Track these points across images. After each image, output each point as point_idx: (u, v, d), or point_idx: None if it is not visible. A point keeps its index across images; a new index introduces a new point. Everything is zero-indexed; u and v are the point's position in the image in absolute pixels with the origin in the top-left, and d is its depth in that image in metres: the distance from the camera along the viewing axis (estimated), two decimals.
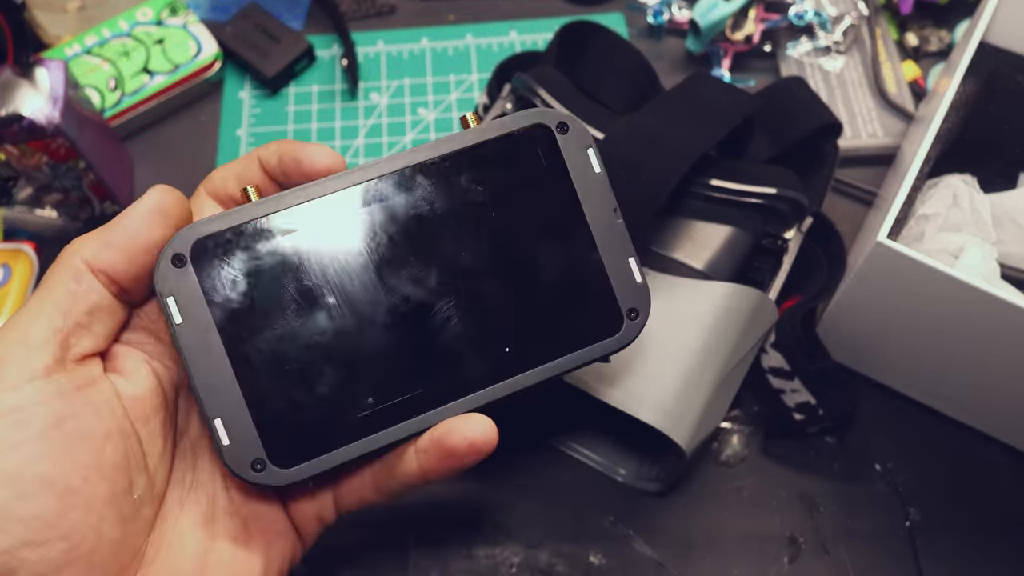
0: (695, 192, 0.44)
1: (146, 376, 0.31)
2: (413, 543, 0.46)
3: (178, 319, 0.30)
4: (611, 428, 0.47)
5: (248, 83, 0.62)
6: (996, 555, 0.46)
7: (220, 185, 0.33)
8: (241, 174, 0.33)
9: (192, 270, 0.30)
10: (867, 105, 0.60)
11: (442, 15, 0.65)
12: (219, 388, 0.30)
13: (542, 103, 0.46)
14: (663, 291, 0.42)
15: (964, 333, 0.42)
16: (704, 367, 0.41)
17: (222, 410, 0.30)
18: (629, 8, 0.65)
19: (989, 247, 0.46)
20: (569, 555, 0.46)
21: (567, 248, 0.33)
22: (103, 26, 0.61)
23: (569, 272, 0.33)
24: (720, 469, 0.48)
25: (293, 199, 0.31)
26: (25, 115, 0.47)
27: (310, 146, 0.32)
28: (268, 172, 0.32)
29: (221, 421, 0.30)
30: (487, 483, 0.48)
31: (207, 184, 0.34)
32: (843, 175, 0.57)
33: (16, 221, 0.56)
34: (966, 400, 0.48)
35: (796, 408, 0.46)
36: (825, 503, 0.47)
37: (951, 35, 0.62)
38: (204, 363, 0.30)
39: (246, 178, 0.33)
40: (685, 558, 0.46)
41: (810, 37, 0.63)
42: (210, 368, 0.30)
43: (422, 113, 0.61)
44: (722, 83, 0.47)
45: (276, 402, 0.30)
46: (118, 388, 0.30)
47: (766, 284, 0.46)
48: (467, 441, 0.30)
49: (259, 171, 0.33)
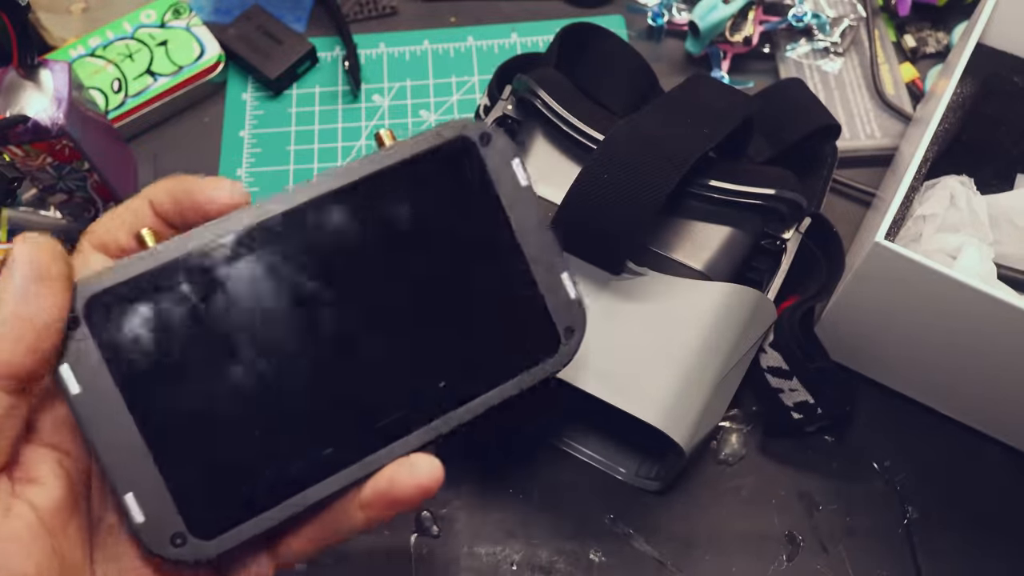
0: (694, 193, 0.45)
1: (58, 477, 0.27)
2: (414, 541, 0.47)
3: (75, 389, 0.26)
4: (611, 427, 0.48)
5: (251, 85, 0.62)
6: (994, 552, 0.46)
7: (107, 236, 0.29)
8: (131, 221, 0.29)
9: (88, 332, 0.26)
10: (865, 106, 0.61)
11: (444, 17, 0.66)
12: (128, 460, 0.27)
13: (543, 104, 0.47)
14: (663, 291, 0.42)
15: (962, 333, 0.43)
16: (703, 366, 0.41)
17: (133, 483, 0.27)
18: (629, 10, 0.65)
19: (986, 248, 0.46)
20: (569, 553, 0.46)
21: (497, 268, 0.30)
22: (107, 28, 0.61)
23: (501, 293, 0.30)
24: (719, 468, 0.49)
25: (196, 242, 0.27)
26: (30, 116, 0.47)
27: (207, 180, 0.28)
28: (162, 215, 0.29)
29: (133, 495, 0.27)
30: (488, 482, 0.48)
31: (90, 237, 0.29)
32: (841, 176, 0.57)
33: (20, 222, 0.56)
34: (964, 399, 0.48)
35: (795, 407, 0.46)
36: (824, 501, 0.48)
37: (949, 37, 0.63)
38: (109, 434, 0.26)
39: (137, 224, 0.29)
40: (685, 556, 0.46)
41: (809, 39, 0.63)
42: (116, 439, 0.27)
43: (424, 115, 0.61)
44: (721, 84, 0.48)
45: (193, 467, 0.27)
46: (34, 502, 0.26)
47: (765, 284, 0.46)
48: (414, 486, 0.28)
49: (151, 215, 0.29)
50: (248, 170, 0.59)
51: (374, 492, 0.29)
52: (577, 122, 0.46)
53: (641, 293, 0.42)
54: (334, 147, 0.60)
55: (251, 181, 0.59)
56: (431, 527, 0.47)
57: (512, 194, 0.30)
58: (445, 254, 0.30)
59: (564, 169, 0.46)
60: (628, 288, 0.42)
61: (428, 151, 0.30)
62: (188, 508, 0.27)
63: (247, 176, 0.59)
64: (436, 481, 0.28)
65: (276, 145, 0.60)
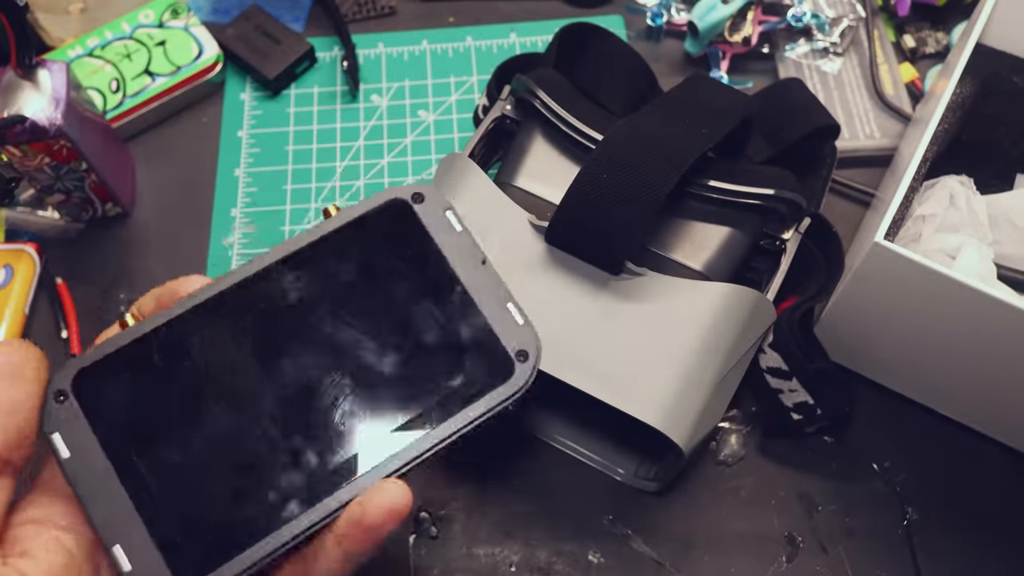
0: (693, 193, 0.45)
1: (51, 551, 0.30)
2: (413, 542, 0.47)
3: (65, 453, 0.30)
4: (610, 427, 0.48)
5: (249, 85, 0.62)
6: (993, 553, 0.46)
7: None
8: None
9: (75, 403, 0.31)
10: (864, 106, 0.61)
11: (442, 17, 0.66)
12: (115, 514, 0.30)
13: (542, 104, 0.47)
14: (662, 292, 0.42)
15: (961, 333, 0.43)
16: (703, 367, 0.41)
17: (121, 536, 0.30)
18: (628, 10, 0.65)
19: (986, 248, 0.46)
20: (568, 554, 0.46)
21: (446, 310, 0.33)
22: (105, 28, 0.61)
23: (452, 332, 0.33)
24: (718, 468, 0.49)
25: (164, 317, 0.32)
26: (28, 116, 0.47)
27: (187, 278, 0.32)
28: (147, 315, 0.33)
29: (121, 547, 0.30)
30: (486, 483, 0.48)
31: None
32: (841, 176, 0.57)
33: (18, 222, 0.56)
34: (963, 400, 0.48)
35: (794, 408, 0.46)
36: (823, 502, 0.48)
37: (948, 37, 0.63)
38: (98, 493, 0.30)
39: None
40: (684, 557, 0.46)
41: (808, 39, 0.63)
42: (105, 497, 0.30)
43: (422, 115, 0.61)
44: (720, 85, 0.48)
45: (175, 518, 0.30)
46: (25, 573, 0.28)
47: (764, 285, 0.46)
48: (385, 511, 0.30)
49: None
50: (246, 170, 0.59)
51: (347, 522, 0.30)
52: (576, 122, 0.46)
53: (640, 293, 0.42)
54: (332, 147, 0.60)
55: (249, 182, 0.59)
56: (430, 528, 0.47)
57: (449, 240, 0.33)
58: (393, 301, 0.33)
59: (563, 169, 0.46)
60: (627, 288, 0.42)
61: (367, 213, 0.33)
62: (172, 555, 0.30)
63: (245, 176, 0.59)
64: (406, 504, 0.30)
65: (274, 145, 0.60)
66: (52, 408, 0.30)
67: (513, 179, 0.47)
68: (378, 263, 0.33)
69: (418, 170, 0.59)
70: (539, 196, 0.46)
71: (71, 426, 0.30)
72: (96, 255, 0.55)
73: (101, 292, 0.54)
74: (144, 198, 0.58)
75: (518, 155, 0.47)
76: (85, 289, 0.54)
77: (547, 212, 0.44)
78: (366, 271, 0.33)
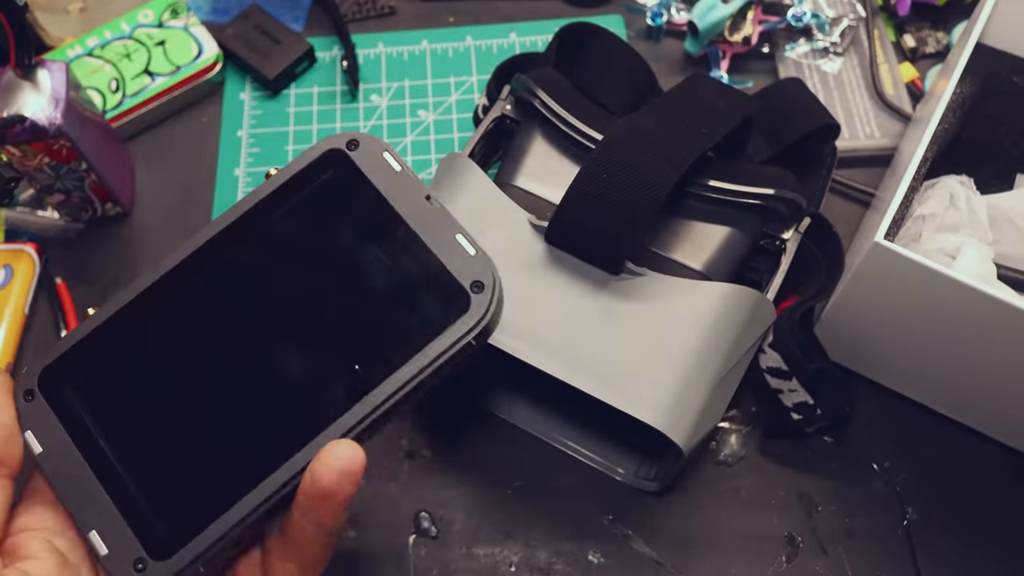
0: (693, 193, 0.45)
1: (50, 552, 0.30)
2: (413, 542, 0.47)
3: (37, 449, 0.31)
4: (610, 427, 0.48)
5: (249, 84, 0.62)
6: (994, 553, 0.46)
7: None
8: None
9: (43, 399, 0.32)
10: (865, 106, 0.60)
11: (442, 17, 0.66)
12: (89, 501, 0.31)
13: (541, 104, 0.47)
14: (662, 291, 0.42)
15: (961, 333, 0.43)
16: (703, 367, 0.41)
17: (96, 522, 0.31)
18: (628, 10, 0.65)
19: (986, 248, 0.46)
20: (568, 554, 0.46)
21: (393, 252, 0.32)
22: (105, 28, 0.61)
23: (401, 271, 0.32)
24: (718, 468, 0.49)
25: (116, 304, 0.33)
26: (27, 116, 0.47)
27: None
28: None
29: (96, 532, 0.30)
30: (486, 482, 0.48)
31: None
32: (841, 176, 0.57)
33: (18, 222, 0.56)
34: (963, 399, 0.48)
35: (794, 408, 0.46)
36: (823, 502, 0.48)
37: (948, 37, 0.63)
38: (71, 482, 0.31)
39: None
40: (683, 557, 0.46)
41: (808, 39, 0.63)
42: (77, 485, 0.31)
43: (422, 115, 0.61)
44: (720, 84, 0.48)
45: (144, 496, 0.31)
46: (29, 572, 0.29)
47: (764, 284, 0.46)
48: (336, 472, 0.29)
49: None
50: (246, 170, 0.59)
51: (302, 491, 0.30)
52: (576, 122, 0.46)
53: (640, 293, 0.42)
54: None
55: (249, 181, 0.58)
56: (429, 528, 0.47)
57: (388, 182, 0.33)
58: (343, 252, 0.33)
59: (563, 169, 0.46)
60: (627, 288, 0.42)
61: (306, 168, 0.34)
62: (145, 535, 0.31)
63: (245, 176, 0.59)
64: (356, 462, 0.29)
65: (274, 145, 0.60)
66: (22, 407, 0.31)
67: (513, 179, 0.47)
68: (324, 216, 0.33)
69: (418, 170, 0.59)
70: (539, 196, 0.46)
71: (42, 423, 0.31)
72: (96, 255, 0.55)
73: (101, 292, 0.54)
74: (144, 198, 0.58)
75: (518, 155, 0.47)
76: (85, 289, 0.54)
77: (547, 212, 0.44)
78: (313, 225, 0.33)
